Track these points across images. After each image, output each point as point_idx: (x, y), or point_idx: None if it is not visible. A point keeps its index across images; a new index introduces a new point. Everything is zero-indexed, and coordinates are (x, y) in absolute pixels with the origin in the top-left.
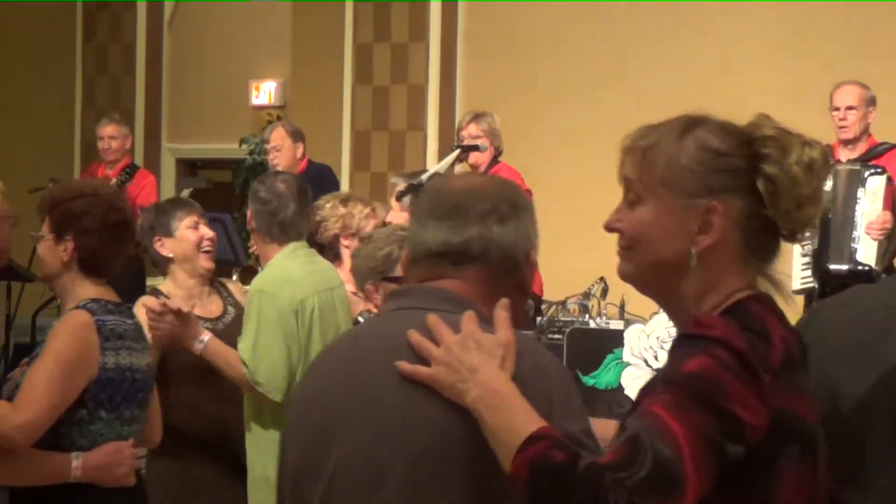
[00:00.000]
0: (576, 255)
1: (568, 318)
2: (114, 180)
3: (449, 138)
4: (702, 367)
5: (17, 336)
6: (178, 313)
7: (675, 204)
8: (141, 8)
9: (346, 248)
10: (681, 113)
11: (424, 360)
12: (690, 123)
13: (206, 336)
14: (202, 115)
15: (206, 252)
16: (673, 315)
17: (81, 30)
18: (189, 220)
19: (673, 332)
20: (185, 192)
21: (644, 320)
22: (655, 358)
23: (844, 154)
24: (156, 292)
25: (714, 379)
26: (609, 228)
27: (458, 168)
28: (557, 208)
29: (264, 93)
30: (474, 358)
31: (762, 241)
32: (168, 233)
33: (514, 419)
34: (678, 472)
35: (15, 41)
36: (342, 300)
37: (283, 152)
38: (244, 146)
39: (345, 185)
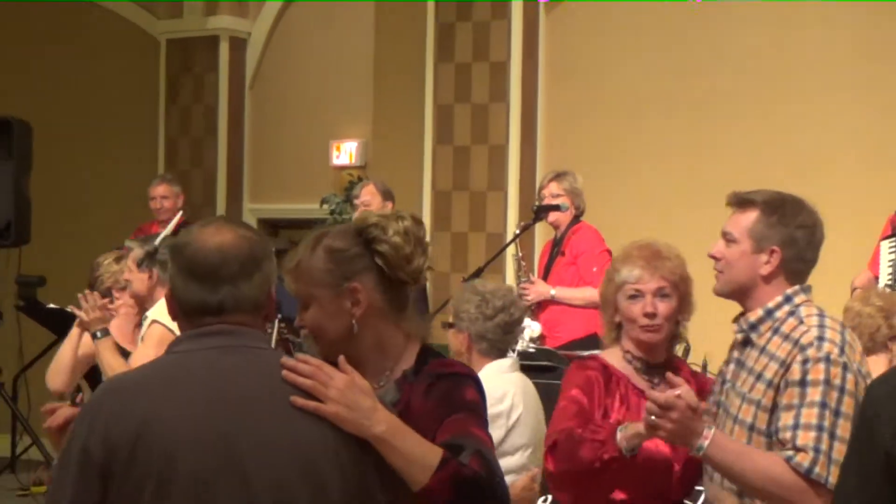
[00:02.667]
0: None
1: None
2: None
3: (529, 198)
4: (474, 396)
5: None
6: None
7: (328, 296)
8: (223, 71)
9: (118, 299)
10: (766, 175)
11: (305, 394)
12: (318, 238)
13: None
14: (283, 176)
15: None
16: (363, 369)
17: (165, 92)
18: None
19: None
20: None
21: None
22: None
23: None
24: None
25: (482, 403)
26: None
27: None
28: None
29: (345, 153)
30: (367, 400)
31: (397, 295)
32: None
33: (419, 444)
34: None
35: (100, 103)
36: None
37: (371, 209)
38: (325, 206)
39: None
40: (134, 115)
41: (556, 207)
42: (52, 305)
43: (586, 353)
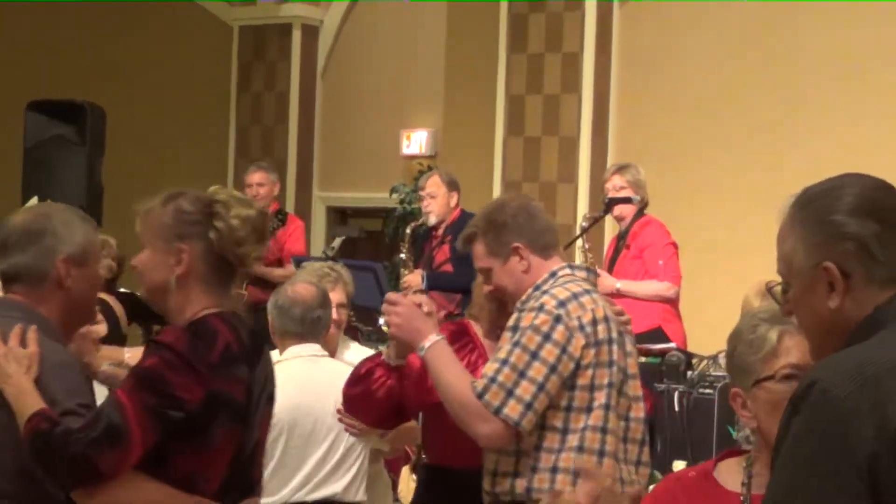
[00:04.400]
0: (726, 310)
1: (719, 373)
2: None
3: (600, 190)
4: (152, 364)
5: None
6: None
7: (160, 248)
8: (295, 58)
9: None
10: (843, 171)
11: None
12: (175, 195)
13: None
14: (353, 164)
15: None
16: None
17: (236, 80)
18: None
19: None
20: (338, 241)
21: None
22: None
23: None
24: None
25: (157, 371)
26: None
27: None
28: (707, 263)
29: (415, 142)
30: (11, 367)
31: (221, 272)
32: None
33: (28, 404)
34: (123, 430)
35: (172, 89)
36: None
37: (437, 199)
38: (394, 195)
39: None
40: (206, 102)
41: (628, 200)
42: (122, 290)
43: (656, 346)
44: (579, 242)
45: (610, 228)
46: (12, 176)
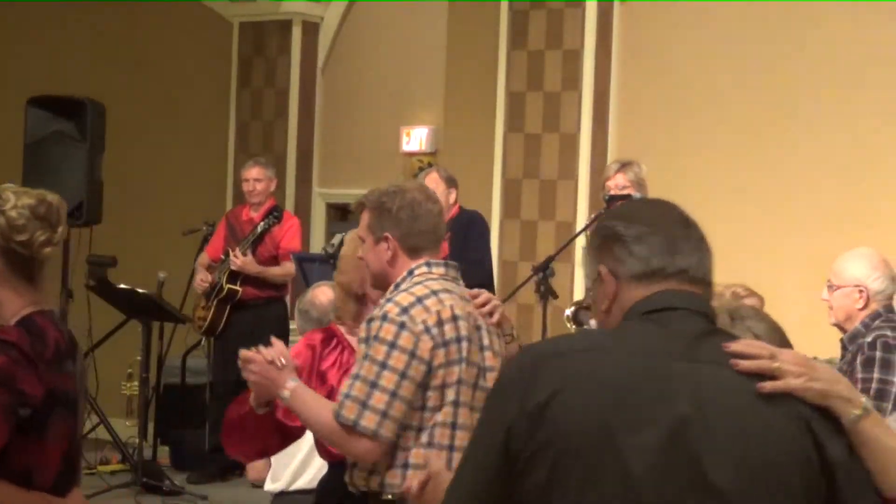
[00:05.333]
0: None
1: None
2: (261, 223)
3: (600, 187)
4: (2, 363)
5: (167, 377)
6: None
7: None
8: (295, 55)
9: None
10: (844, 169)
11: None
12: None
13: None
14: (353, 161)
15: None
16: None
17: (236, 76)
18: None
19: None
20: (338, 238)
21: None
22: None
23: None
24: None
25: (9, 370)
26: None
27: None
28: None
29: (415, 139)
30: None
31: (21, 264)
32: None
33: None
34: None
35: (172, 85)
36: None
37: None
38: None
39: (494, 233)
40: (206, 98)
41: (628, 197)
42: (122, 286)
43: None
44: (581, 240)
45: None
46: (12, 172)
